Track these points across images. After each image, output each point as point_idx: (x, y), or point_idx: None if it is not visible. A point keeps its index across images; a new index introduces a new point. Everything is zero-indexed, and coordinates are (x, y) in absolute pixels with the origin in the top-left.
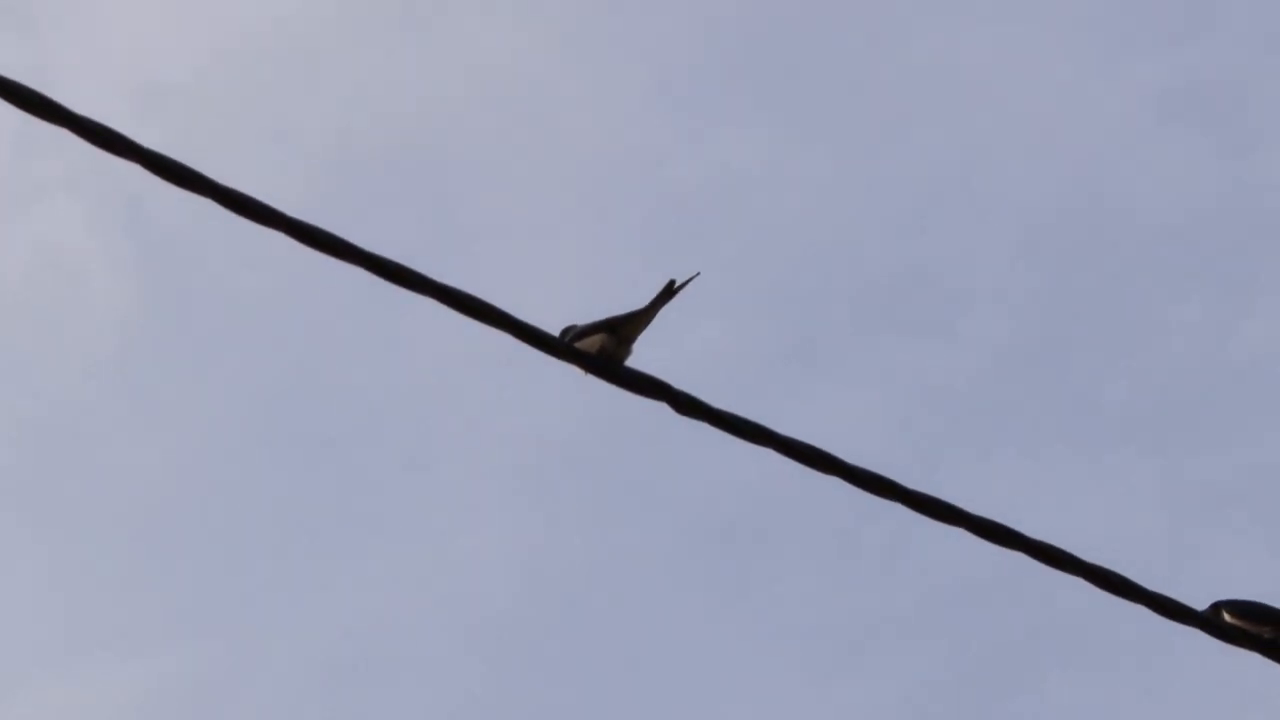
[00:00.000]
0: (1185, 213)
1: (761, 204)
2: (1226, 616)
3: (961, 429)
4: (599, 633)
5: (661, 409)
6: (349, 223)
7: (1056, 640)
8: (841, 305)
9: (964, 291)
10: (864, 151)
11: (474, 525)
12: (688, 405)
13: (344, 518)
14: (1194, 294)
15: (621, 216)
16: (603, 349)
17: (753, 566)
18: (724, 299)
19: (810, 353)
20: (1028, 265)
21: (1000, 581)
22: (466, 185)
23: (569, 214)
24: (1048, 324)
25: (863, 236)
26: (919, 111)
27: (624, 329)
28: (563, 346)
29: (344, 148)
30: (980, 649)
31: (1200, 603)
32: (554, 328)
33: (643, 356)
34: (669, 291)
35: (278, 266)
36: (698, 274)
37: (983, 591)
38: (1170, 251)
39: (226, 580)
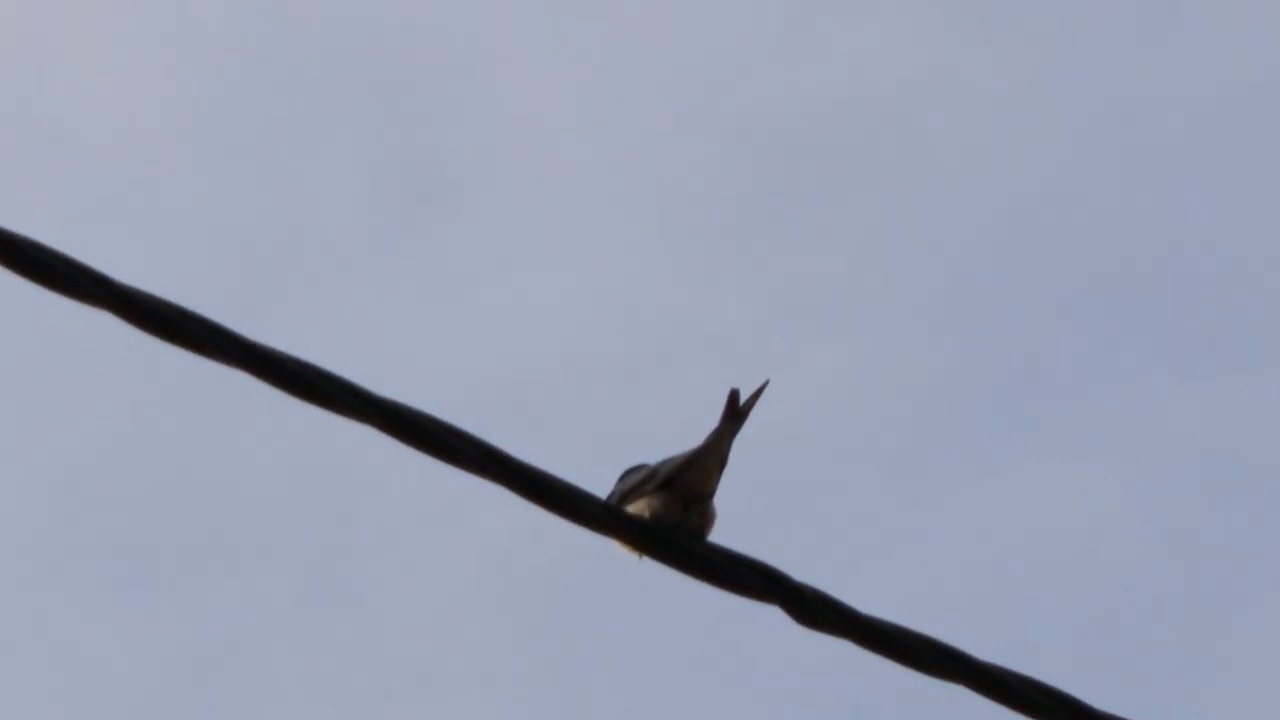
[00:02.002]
0: None
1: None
2: None
3: None
4: None
5: (771, 615)
6: None
7: None
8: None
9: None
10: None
11: None
12: (819, 610)
13: None
14: None
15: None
16: (663, 512)
17: None
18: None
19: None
20: None
21: None
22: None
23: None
24: None
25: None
26: None
27: (686, 480)
28: (601, 513)
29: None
30: None
31: None
32: (598, 475)
33: (735, 516)
34: (734, 409)
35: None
36: (767, 382)
37: None
38: None
39: None
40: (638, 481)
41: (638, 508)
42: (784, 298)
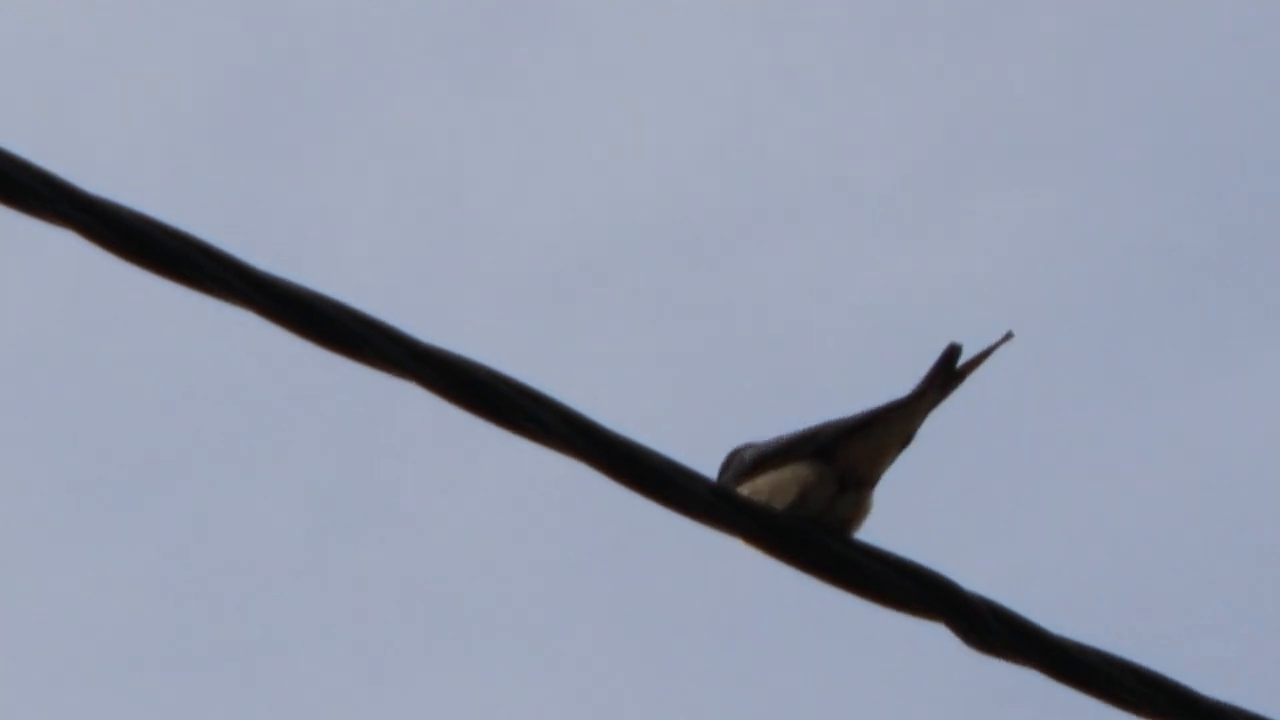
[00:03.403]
0: None
1: None
2: None
3: None
4: None
5: (937, 634)
6: None
7: None
8: None
9: None
10: None
11: None
12: (995, 628)
13: None
14: None
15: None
16: (803, 498)
17: None
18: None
19: None
20: None
21: None
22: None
23: None
24: None
25: None
26: None
27: (852, 451)
28: (711, 495)
29: None
30: None
31: None
32: (707, 452)
33: (892, 520)
34: (951, 368)
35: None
36: (1009, 335)
37: None
38: None
39: None
40: (786, 444)
41: (769, 484)
42: (951, 135)
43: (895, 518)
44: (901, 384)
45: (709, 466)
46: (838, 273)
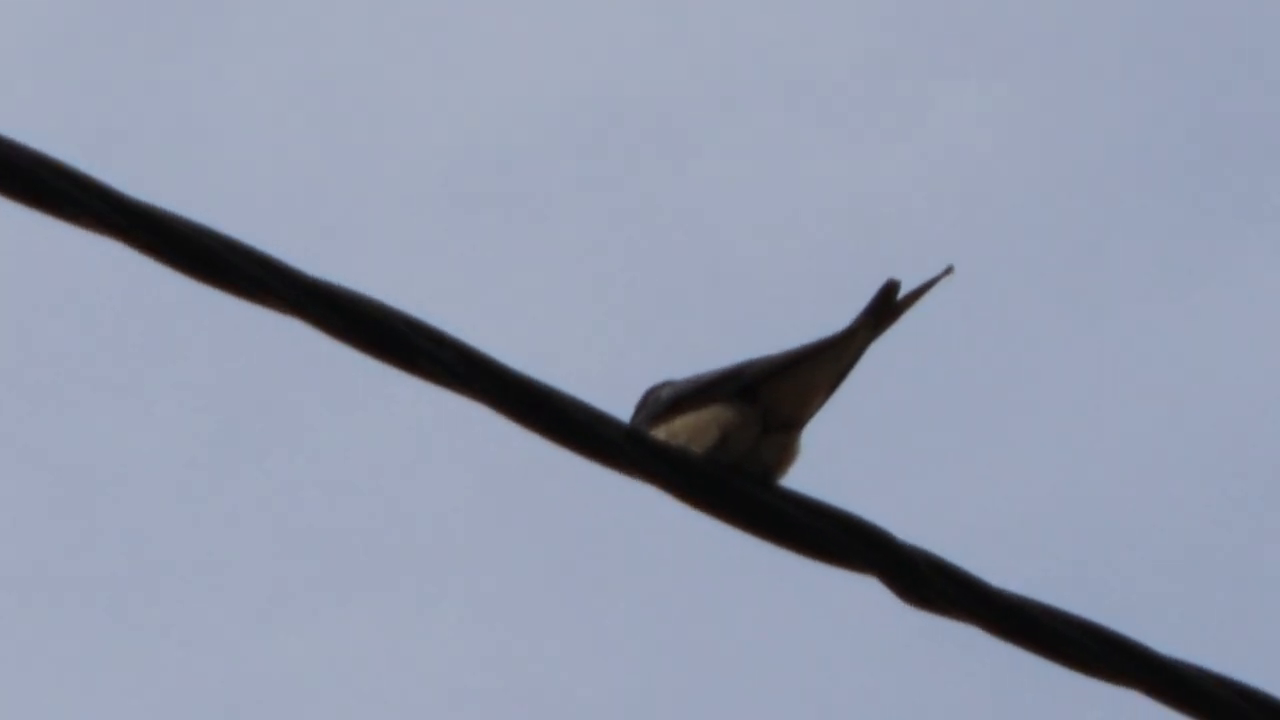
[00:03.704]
0: None
1: None
2: None
3: None
4: None
5: (869, 587)
6: None
7: None
8: None
9: None
10: None
11: None
12: (933, 581)
13: None
14: None
15: None
16: (723, 441)
17: None
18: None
19: None
20: None
21: None
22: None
23: None
24: None
25: None
26: None
27: (778, 391)
28: (624, 440)
29: None
30: None
31: None
32: (621, 389)
33: (821, 466)
34: (888, 304)
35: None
36: (949, 269)
37: None
38: None
39: None
40: (706, 382)
41: (687, 426)
42: (903, 25)
43: (825, 464)
44: (843, 311)
45: (624, 408)
46: (777, 178)
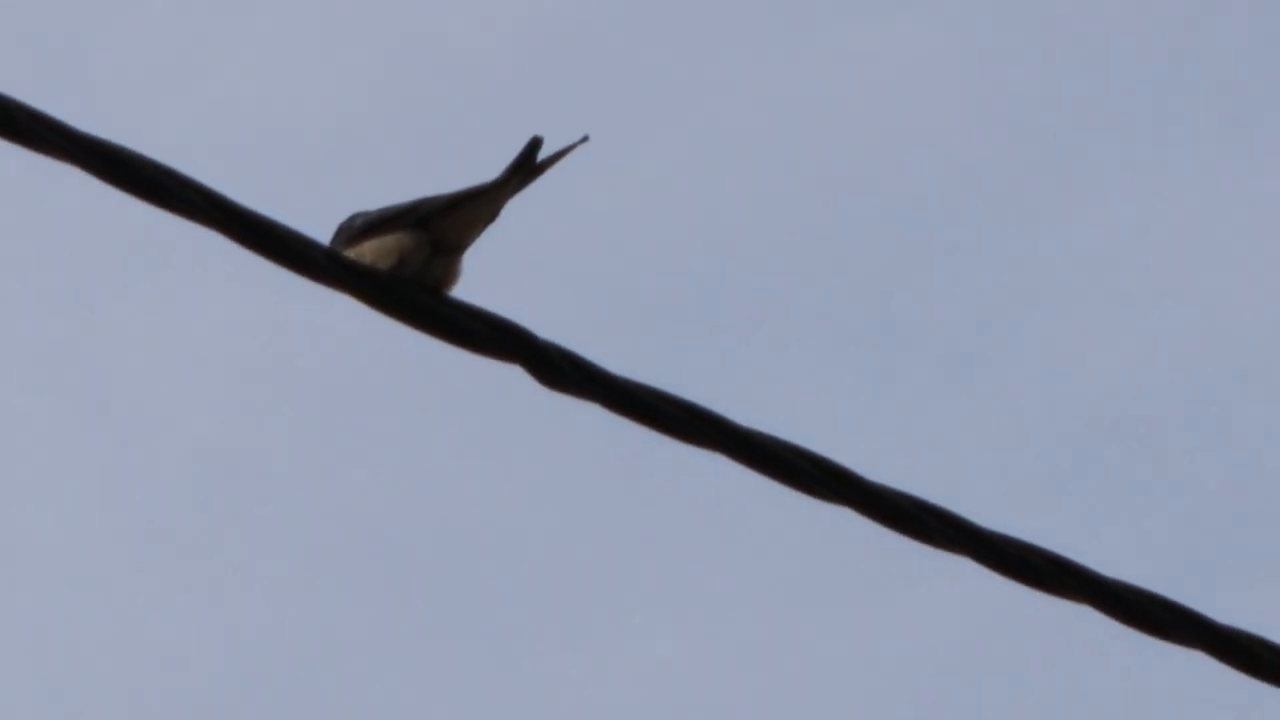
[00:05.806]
0: None
1: None
2: None
3: None
4: None
5: (514, 375)
6: None
7: None
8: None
9: None
10: None
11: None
12: (565, 370)
13: None
14: None
15: None
16: (402, 261)
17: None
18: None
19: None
20: None
21: None
22: None
23: None
24: None
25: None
26: None
27: (445, 224)
28: (324, 259)
29: None
30: None
31: None
32: (323, 216)
33: (479, 281)
34: (531, 160)
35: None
36: (585, 138)
37: None
38: None
39: None
40: (390, 214)
41: (374, 248)
42: None
43: (482, 279)
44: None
45: (324, 233)
46: None
